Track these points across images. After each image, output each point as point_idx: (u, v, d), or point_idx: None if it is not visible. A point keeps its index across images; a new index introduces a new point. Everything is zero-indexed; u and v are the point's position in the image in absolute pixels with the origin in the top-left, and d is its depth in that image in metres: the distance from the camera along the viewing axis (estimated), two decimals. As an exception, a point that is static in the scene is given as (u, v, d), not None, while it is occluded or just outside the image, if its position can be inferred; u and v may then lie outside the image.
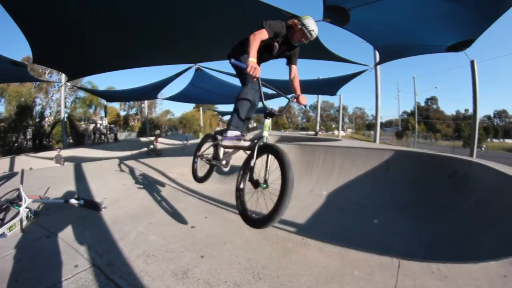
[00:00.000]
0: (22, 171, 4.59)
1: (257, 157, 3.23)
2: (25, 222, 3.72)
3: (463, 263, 2.81)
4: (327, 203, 7.98)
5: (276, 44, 3.83)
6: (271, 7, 6.55)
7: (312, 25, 3.61)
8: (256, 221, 2.89)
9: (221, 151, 4.07)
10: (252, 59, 3.15)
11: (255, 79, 3.46)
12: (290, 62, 4.20)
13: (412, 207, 7.44)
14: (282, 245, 3.17)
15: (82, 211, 4.26)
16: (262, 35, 3.45)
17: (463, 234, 5.53)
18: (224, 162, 4.05)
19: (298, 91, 4.08)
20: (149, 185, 5.77)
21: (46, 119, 29.54)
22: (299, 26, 3.61)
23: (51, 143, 25.81)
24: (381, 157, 9.25)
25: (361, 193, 8.58)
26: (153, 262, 2.88)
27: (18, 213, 3.78)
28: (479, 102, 9.74)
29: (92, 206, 4.40)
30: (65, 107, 23.17)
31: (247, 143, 3.60)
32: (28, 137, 26.29)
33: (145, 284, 2.52)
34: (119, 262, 2.88)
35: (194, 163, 5.08)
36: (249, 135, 3.78)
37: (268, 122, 3.48)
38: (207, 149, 4.75)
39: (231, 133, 3.77)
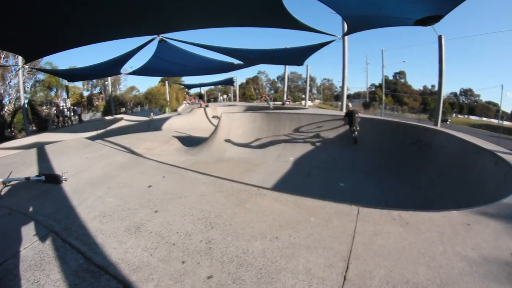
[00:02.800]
0: None
1: None
2: None
3: (424, 211, 2.91)
4: (293, 168, 8.10)
5: None
6: None
7: (349, 105, 7.63)
8: None
9: None
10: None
11: None
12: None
13: (378, 171, 7.69)
14: (237, 196, 3.21)
15: (43, 186, 4.18)
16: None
17: (427, 197, 5.81)
18: None
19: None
20: (110, 155, 5.67)
21: (6, 108, 28.22)
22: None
23: (13, 133, 24.79)
24: (347, 124, 9.44)
25: (327, 158, 8.75)
26: (108, 222, 2.87)
27: None
28: (446, 79, 9.98)
29: (52, 180, 4.32)
30: (25, 92, 22.16)
31: None
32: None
33: (98, 242, 2.51)
34: (76, 225, 2.86)
35: None
36: None
37: None
38: None
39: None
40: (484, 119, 67.00)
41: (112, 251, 2.36)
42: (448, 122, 43.52)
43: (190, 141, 10.92)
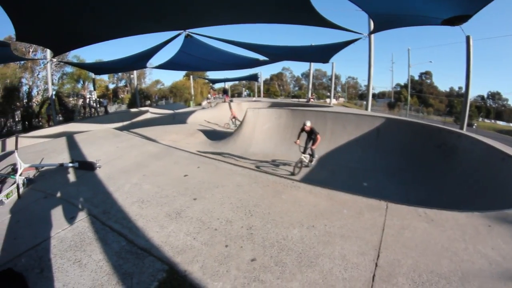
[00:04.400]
0: (16, 137, 4.69)
1: None
2: (21, 189, 3.77)
3: (449, 210, 2.98)
4: (318, 165, 8.11)
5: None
6: None
7: (305, 123, 7.91)
8: None
9: None
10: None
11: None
12: (315, 136, 7.77)
13: (401, 172, 7.60)
14: (273, 187, 3.29)
15: (77, 172, 4.33)
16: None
17: (449, 201, 5.70)
18: None
19: (315, 145, 7.76)
20: (142, 145, 5.81)
21: (34, 99, 28.97)
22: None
23: (40, 123, 25.43)
24: (372, 124, 9.37)
25: (351, 157, 8.71)
26: (147, 207, 2.98)
27: (14, 182, 3.81)
28: (473, 81, 9.79)
29: (87, 166, 4.46)
30: (53, 84, 22.71)
31: None
32: (17, 119, 25.85)
33: (139, 226, 2.62)
34: (114, 210, 2.97)
35: None
36: None
37: None
38: None
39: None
40: None
41: (154, 234, 2.46)
42: (474, 127, 42.63)
43: (215, 135, 11.02)
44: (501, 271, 2.06)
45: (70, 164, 4.46)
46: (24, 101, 25.90)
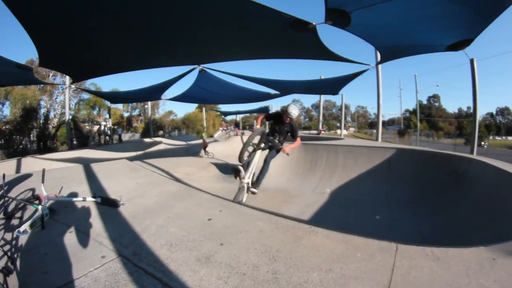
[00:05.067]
0: (43, 171, 4.77)
1: None
2: (46, 219, 3.90)
3: (455, 247, 3.11)
4: (330, 200, 8.22)
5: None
6: (273, 10, 6.70)
7: (291, 110, 6.82)
8: None
9: None
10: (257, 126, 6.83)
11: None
12: (293, 137, 7.19)
13: (413, 203, 7.63)
14: (293, 232, 3.47)
15: (100, 208, 4.49)
16: (261, 118, 7.06)
17: (463, 229, 5.73)
18: None
19: (289, 147, 7.04)
20: (161, 183, 6.02)
21: (50, 121, 29.68)
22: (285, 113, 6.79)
23: (55, 145, 26.00)
24: (383, 155, 9.47)
25: (363, 191, 8.79)
26: (176, 251, 3.16)
27: (36, 211, 3.95)
28: (481, 99, 9.96)
29: (109, 203, 4.62)
30: (69, 109, 23.32)
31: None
32: (32, 139, 26.48)
33: (172, 269, 2.79)
34: (144, 252, 3.14)
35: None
36: None
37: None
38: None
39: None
40: None
41: (187, 278, 2.64)
42: (485, 146, 42.33)
43: (227, 168, 11.17)
44: None
45: (93, 199, 4.64)
46: (41, 122, 26.60)
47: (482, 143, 46.37)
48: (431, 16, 6.80)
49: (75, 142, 23.12)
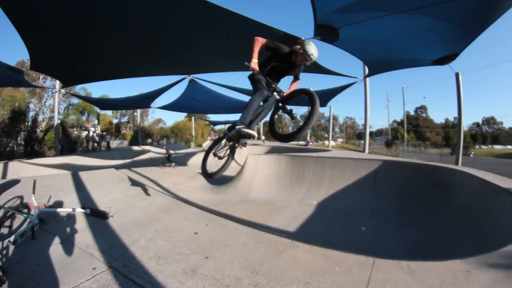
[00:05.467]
0: (34, 182, 4.81)
1: None
2: (35, 229, 3.96)
3: (431, 261, 3.27)
4: (316, 212, 8.31)
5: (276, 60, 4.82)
6: (263, 25, 6.85)
7: (312, 50, 4.40)
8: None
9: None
10: (254, 61, 4.47)
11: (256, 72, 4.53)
12: (295, 79, 5.19)
13: (398, 214, 7.74)
14: (274, 247, 3.65)
15: (89, 219, 4.58)
16: (261, 41, 4.60)
17: (447, 239, 5.89)
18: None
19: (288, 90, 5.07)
20: (149, 195, 6.15)
21: (39, 125, 29.37)
22: (301, 51, 4.43)
23: (42, 149, 25.69)
24: (369, 167, 9.55)
25: (349, 202, 8.89)
26: (164, 263, 3.31)
27: (25, 220, 4.05)
28: (467, 109, 10.23)
29: (99, 215, 4.71)
30: (58, 113, 23.10)
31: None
32: (19, 142, 26.20)
33: (160, 281, 2.94)
34: (134, 264, 3.28)
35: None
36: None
37: None
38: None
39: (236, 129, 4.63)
40: (509, 146, 65.81)
41: (174, 289, 2.77)
42: (471, 156, 42.86)
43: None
44: None
45: (82, 210, 4.70)
46: (29, 125, 26.24)
47: (469, 152, 47.12)
48: (418, 32, 7.04)
49: (59, 147, 22.84)
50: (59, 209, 4.74)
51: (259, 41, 4.61)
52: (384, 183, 9.02)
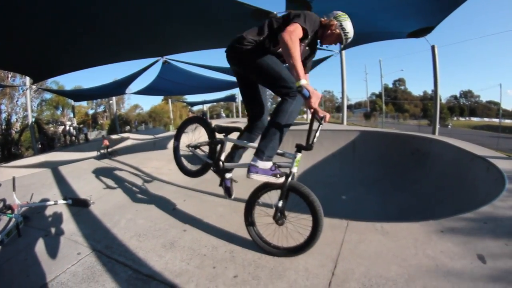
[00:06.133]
0: (13, 179, 4.79)
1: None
2: (20, 227, 3.97)
3: (405, 222, 3.47)
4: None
5: (302, 45, 2.82)
6: (235, 1, 6.72)
7: (351, 31, 3.02)
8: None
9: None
10: (305, 81, 2.39)
11: (312, 110, 2.62)
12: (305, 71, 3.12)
13: (379, 183, 8.05)
14: (250, 215, 3.78)
15: (72, 209, 4.61)
16: (298, 33, 2.58)
17: (426, 204, 6.16)
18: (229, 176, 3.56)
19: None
20: (130, 179, 6.20)
21: (13, 126, 28.64)
22: (337, 30, 2.95)
23: (20, 151, 25.17)
24: (347, 138, 9.86)
25: (329, 173, 9.07)
26: (144, 240, 3.45)
27: (11, 220, 4.01)
28: (446, 83, 10.49)
29: (80, 203, 4.76)
30: (32, 111, 22.52)
31: (280, 180, 2.91)
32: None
33: (141, 257, 3.08)
34: (116, 244, 3.40)
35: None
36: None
37: (300, 156, 2.99)
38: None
39: (264, 164, 2.89)
40: (486, 119, 67.35)
41: (154, 263, 2.92)
42: (449, 127, 43.94)
43: (196, 159, 11.19)
44: (446, 270, 2.50)
45: (64, 202, 4.74)
46: (3, 127, 25.53)
47: (446, 123, 48.09)
48: (393, 4, 7.06)
49: (39, 146, 22.33)
50: (41, 204, 4.76)
51: (298, 36, 2.56)
52: (363, 153, 9.31)
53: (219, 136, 3.59)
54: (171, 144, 15.10)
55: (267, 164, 2.88)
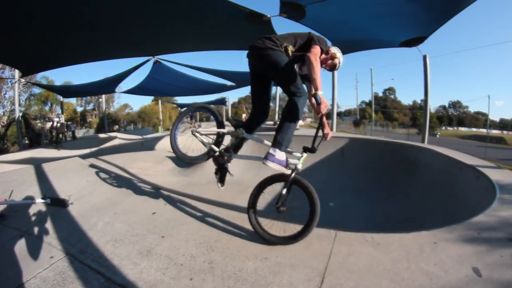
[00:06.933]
0: None
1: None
2: None
3: (396, 233, 3.31)
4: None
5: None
6: (229, 2, 6.69)
7: (342, 62, 3.72)
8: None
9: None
10: (321, 92, 3.04)
11: (319, 115, 3.30)
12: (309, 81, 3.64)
13: (366, 190, 7.93)
14: (232, 223, 3.67)
15: (50, 209, 4.45)
16: (319, 54, 3.27)
17: (414, 214, 6.06)
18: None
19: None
20: (112, 180, 6.02)
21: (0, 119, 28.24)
22: (335, 61, 3.66)
23: (6, 146, 24.79)
24: (336, 145, 9.72)
25: (317, 179, 8.87)
26: (120, 246, 3.26)
27: None
28: (435, 93, 10.50)
29: (59, 203, 4.56)
30: (20, 105, 22.17)
31: (288, 172, 3.38)
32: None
33: (115, 264, 2.89)
34: (91, 249, 3.21)
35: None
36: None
37: (305, 156, 3.54)
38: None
39: (280, 154, 3.31)
40: (473, 129, 68.44)
41: (128, 271, 2.75)
42: (437, 136, 44.41)
43: (183, 162, 11.12)
44: (441, 284, 2.36)
45: (42, 201, 4.52)
46: None
47: (435, 132, 48.76)
48: (387, 13, 6.98)
49: (26, 141, 21.92)
50: (19, 202, 4.60)
51: (318, 56, 3.25)
52: (352, 160, 9.23)
53: (230, 129, 4.04)
54: (158, 145, 15.00)
55: (283, 156, 3.31)
